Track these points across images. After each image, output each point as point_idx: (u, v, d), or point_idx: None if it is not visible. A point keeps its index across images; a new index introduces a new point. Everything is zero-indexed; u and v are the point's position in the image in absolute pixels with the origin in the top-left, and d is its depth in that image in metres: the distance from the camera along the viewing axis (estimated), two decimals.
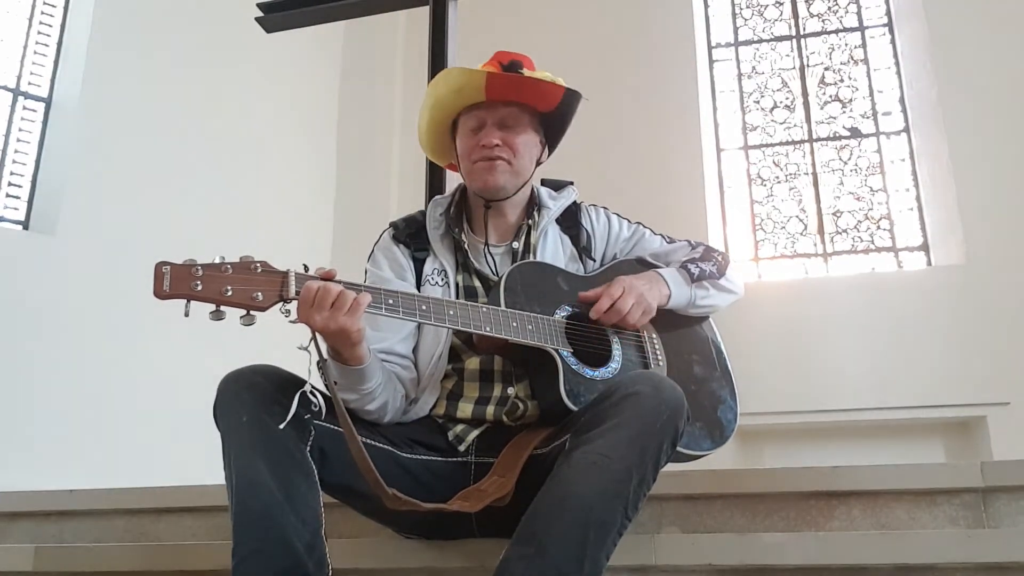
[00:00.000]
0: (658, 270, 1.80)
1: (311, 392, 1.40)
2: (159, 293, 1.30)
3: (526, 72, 1.72)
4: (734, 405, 1.80)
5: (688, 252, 1.89)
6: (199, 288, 1.31)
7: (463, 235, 1.77)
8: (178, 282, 1.30)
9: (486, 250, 1.77)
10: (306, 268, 1.41)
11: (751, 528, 1.81)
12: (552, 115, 1.80)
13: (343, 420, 1.39)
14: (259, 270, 1.36)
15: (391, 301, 1.46)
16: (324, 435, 1.44)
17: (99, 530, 2.32)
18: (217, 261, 1.34)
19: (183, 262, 1.32)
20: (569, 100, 1.77)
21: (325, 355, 1.45)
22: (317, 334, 1.40)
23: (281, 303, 1.37)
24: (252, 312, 1.35)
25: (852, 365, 5.57)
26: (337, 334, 1.39)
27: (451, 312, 1.52)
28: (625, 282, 1.69)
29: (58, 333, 4.85)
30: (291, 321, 1.38)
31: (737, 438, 1.79)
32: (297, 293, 1.37)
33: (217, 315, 1.33)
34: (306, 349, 1.40)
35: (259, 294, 1.34)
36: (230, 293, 1.32)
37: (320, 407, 1.42)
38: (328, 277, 1.41)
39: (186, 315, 1.31)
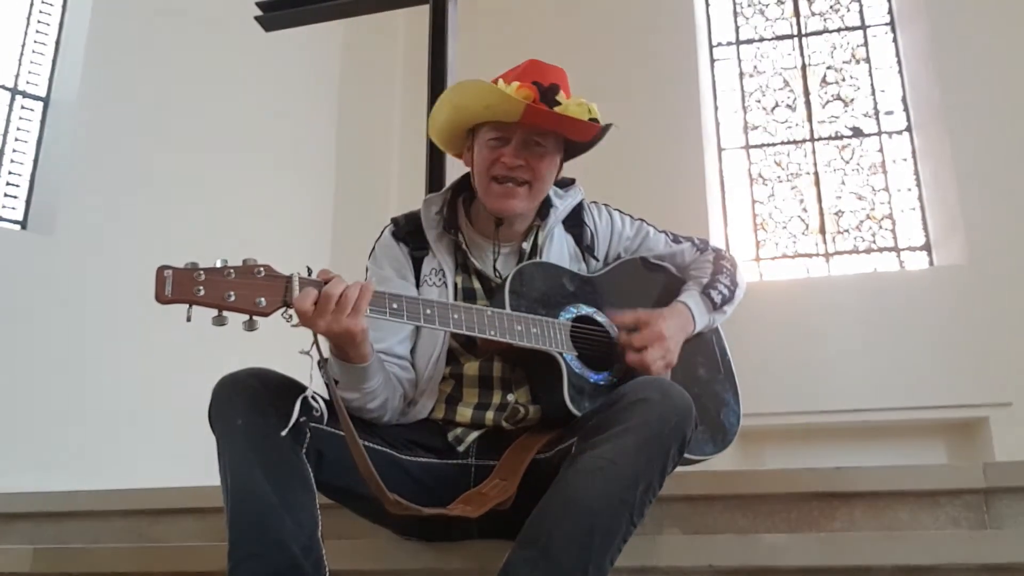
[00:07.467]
0: (686, 301, 1.75)
1: (312, 397, 1.38)
2: (160, 298, 1.28)
3: (562, 104, 1.62)
4: (737, 408, 1.79)
5: (694, 255, 1.88)
6: (201, 293, 1.28)
7: (461, 235, 1.73)
8: (180, 287, 1.28)
9: (496, 249, 1.73)
10: (309, 271, 1.38)
11: (752, 529, 1.80)
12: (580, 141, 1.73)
13: (345, 425, 1.37)
14: (262, 274, 1.33)
15: (395, 306, 1.44)
16: (320, 438, 1.43)
17: (98, 531, 2.31)
18: (219, 265, 1.32)
19: (185, 266, 1.30)
20: (602, 134, 1.69)
21: (327, 355, 1.43)
22: (319, 336, 1.39)
23: (284, 308, 1.35)
24: (255, 318, 1.33)
25: (854, 365, 5.56)
26: (342, 335, 1.38)
27: (455, 316, 1.50)
28: (660, 329, 1.63)
29: (57, 333, 4.85)
30: (293, 325, 1.35)
31: (738, 439, 1.78)
32: None
33: (219, 320, 1.31)
34: (307, 353, 1.38)
35: (262, 299, 1.32)
36: (233, 298, 1.30)
37: (322, 412, 1.41)
38: (330, 280, 1.38)
39: (188, 320, 1.29)
